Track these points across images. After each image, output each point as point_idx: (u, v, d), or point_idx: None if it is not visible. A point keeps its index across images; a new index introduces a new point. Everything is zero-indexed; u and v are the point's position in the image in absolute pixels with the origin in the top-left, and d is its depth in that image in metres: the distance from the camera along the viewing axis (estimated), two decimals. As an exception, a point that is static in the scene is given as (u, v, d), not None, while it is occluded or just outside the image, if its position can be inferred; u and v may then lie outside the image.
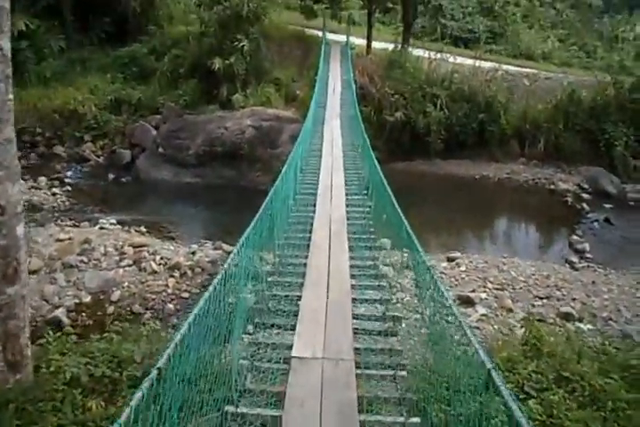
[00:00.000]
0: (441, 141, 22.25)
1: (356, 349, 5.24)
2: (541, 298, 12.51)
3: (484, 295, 12.36)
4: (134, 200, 18.61)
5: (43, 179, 19.41)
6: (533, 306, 12.10)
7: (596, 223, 18.65)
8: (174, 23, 27.56)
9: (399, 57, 24.04)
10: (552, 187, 21.48)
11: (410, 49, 26.19)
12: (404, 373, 4.98)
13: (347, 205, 9.65)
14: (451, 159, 22.66)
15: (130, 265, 13.04)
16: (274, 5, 25.95)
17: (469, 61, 26.23)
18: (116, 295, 11.81)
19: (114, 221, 16.31)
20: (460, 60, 26.33)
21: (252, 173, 19.34)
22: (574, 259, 15.67)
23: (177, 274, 12.71)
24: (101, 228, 15.56)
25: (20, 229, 6.45)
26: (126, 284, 12.30)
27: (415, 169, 21.58)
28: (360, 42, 29.49)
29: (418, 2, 26.61)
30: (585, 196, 20.84)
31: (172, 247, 14.30)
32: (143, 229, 15.91)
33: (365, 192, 10.46)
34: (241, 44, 21.31)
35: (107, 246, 13.78)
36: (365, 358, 5.08)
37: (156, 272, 12.76)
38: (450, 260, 14.24)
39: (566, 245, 16.97)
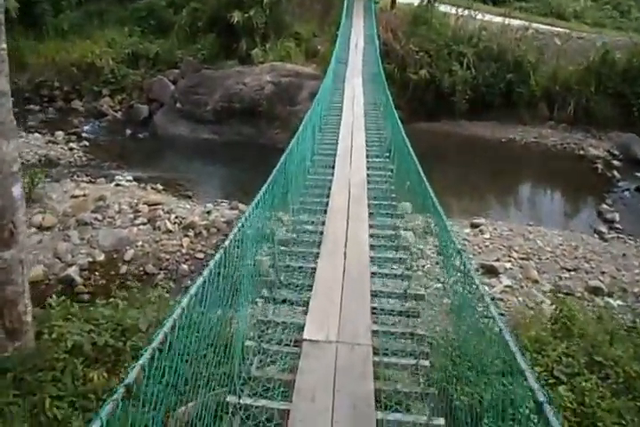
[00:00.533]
0: (466, 102, 21.09)
1: (374, 332, 4.63)
2: (569, 270, 11.81)
3: (508, 265, 11.69)
4: (151, 156, 17.99)
5: (60, 133, 18.88)
6: (560, 278, 11.43)
7: (627, 192, 17.62)
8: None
9: (425, 12, 22.60)
10: (581, 152, 20.35)
11: (436, 4, 24.58)
12: (426, 362, 4.37)
13: (367, 168, 8.86)
14: (476, 120, 21.54)
15: (144, 224, 12.56)
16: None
17: (498, 19, 24.67)
18: (129, 254, 11.39)
19: (130, 177, 15.80)
20: (488, 17, 24.77)
21: (271, 131, 18.54)
22: (603, 229, 14.82)
23: (192, 234, 12.20)
24: (117, 184, 15.06)
25: (16, 190, 5.88)
26: (140, 243, 11.85)
27: (439, 129, 20.55)
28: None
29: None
30: (615, 163, 19.71)
31: (187, 206, 13.76)
32: (159, 186, 15.39)
33: (387, 154, 9.66)
34: (261, -3, 20.09)
35: (121, 204, 13.28)
36: (384, 344, 4.47)
37: (170, 231, 12.27)
38: (473, 226, 13.51)
39: (595, 214, 16.06)
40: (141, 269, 11.16)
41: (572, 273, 11.81)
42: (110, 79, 21.63)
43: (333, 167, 8.84)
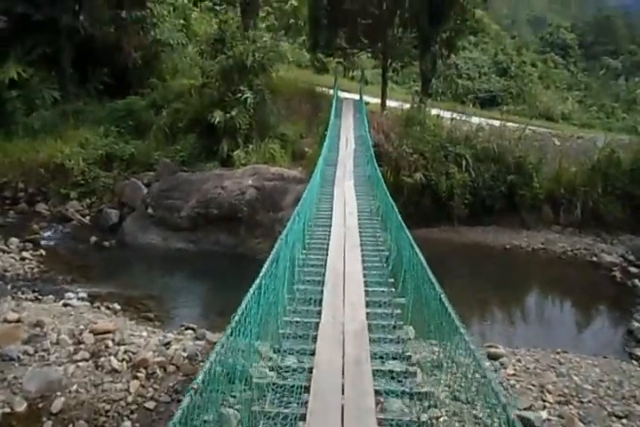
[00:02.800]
0: (465, 206, 19.63)
1: None
2: (619, 417, 9.43)
3: (544, 414, 9.29)
4: (115, 269, 15.90)
5: (14, 240, 16.87)
6: (613, 430, 9.04)
7: (653, 304, 15.61)
8: (178, 77, 25.82)
9: (418, 113, 21.82)
10: (594, 259, 18.56)
11: (427, 108, 24.06)
12: None
13: (366, 304, 6.82)
14: (477, 226, 19.96)
15: (85, 360, 10.15)
16: (282, 59, 24.12)
17: (490, 122, 24.11)
18: (58, 404, 8.94)
19: (84, 294, 13.61)
20: (479, 120, 24.21)
21: (252, 240, 16.68)
22: (640, 352, 12.59)
23: (143, 374, 9.76)
24: (65, 304, 12.78)
25: None
26: (75, 387, 9.39)
27: (437, 237, 18.78)
28: (373, 101, 27.61)
29: (437, 56, 24.68)
30: (633, 270, 17.89)
31: (144, 333, 11.41)
32: (117, 306, 13.16)
33: (392, 280, 7.65)
34: (244, 96, 19.26)
35: (61, 332, 10.92)
36: None
37: (116, 371, 9.83)
38: (492, 357, 11.18)
39: (625, 332, 13.90)
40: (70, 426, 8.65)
41: (625, 421, 9.42)
42: (80, 181, 20.14)
43: (319, 303, 6.74)
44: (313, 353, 5.49)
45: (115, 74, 24.84)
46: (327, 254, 8.68)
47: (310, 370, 5.17)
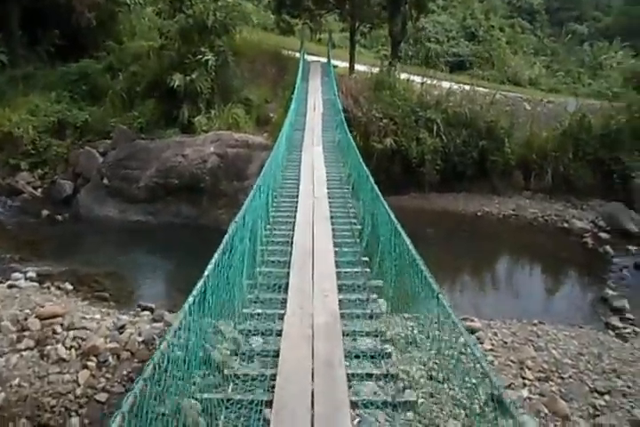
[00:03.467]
0: (436, 173, 18.74)
1: None
2: (601, 393, 8.90)
3: (525, 392, 8.68)
4: (68, 244, 14.61)
5: (-46, 216, 15.39)
6: (595, 408, 8.51)
7: (625, 271, 15.23)
8: (136, 39, 23.86)
9: (387, 77, 20.59)
10: (565, 225, 18.03)
11: (396, 73, 22.78)
12: None
13: (339, 289, 5.86)
14: (447, 192, 19.14)
15: (30, 348, 9.10)
16: (246, 19, 22.35)
17: (459, 86, 23.01)
18: (-3, 400, 7.86)
19: (33, 274, 12.39)
20: (448, 84, 23.10)
21: (215, 210, 15.53)
22: (616, 322, 12.22)
23: (93, 363, 8.76)
24: (11, 286, 11.56)
25: None
26: (17, 380, 8.37)
27: (408, 204, 17.87)
28: (341, 65, 26.16)
29: (407, 17, 23.26)
30: (604, 236, 17.40)
31: (97, 316, 10.35)
32: (68, 285, 12.01)
33: (365, 259, 6.68)
34: (205, 58, 17.68)
35: (4, 318, 9.78)
36: None
37: (64, 360, 8.82)
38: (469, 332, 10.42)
39: (600, 300, 13.39)
40: (11, 425, 7.63)
41: (607, 397, 8.89)
42: (30, 151, 18.47)
43: (285, 289, 5.73)
44: (277, 355, 4.49)
45: (67, 36, 22.75)
46: (294, 229, 7.64)
47: (273, 377, 4.19)
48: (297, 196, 9.55)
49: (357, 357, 4.80)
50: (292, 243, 7.09)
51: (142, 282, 12.81)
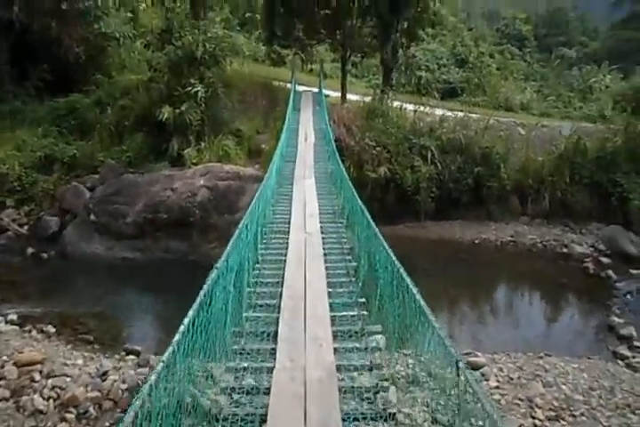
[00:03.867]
0: (432, 200, 18.45)
1: None
2: (616, 432, 8.36)
3: (536, 434, 8.13)
4: (52, 284, 14.11)
5: (-63, 257, 14.90)
6: (611, 448, 7.98)
7: (629, 296, 14.93)
8: (126, 73, 23.85)
9: (380, 105, 20.50)
10: (565, 250, 17.69)
11: (389, 99, 22.74)
12: None
13: (334, 336, 5.39)
14: (443, 220, 18.81)
15: (6, 399, 8.51)
16: (236, 51, 22.41)
17: (451, 113, 23.00)
18: (-34, 461, 7.31)
19: (14, 316, 11.91)
20: (441, 111, 23.08)
21: (205, 245, 15.13)
22: (625, 351, 11.84)
23: (72, 415, 8.18)
24: (-10, 330, 11.01)
25: None
26: (-12, 438, 7.77)
27: (402, 233, 17.52)
28: (333, 95, 26.18)
29: (398, 45, 23.35)
30: (604, 260, 17.10)
31: (79, 361, 9.82)
32: (51, 328, 11.50)
33: (363, 300, 6.23)
34: (194, 90, 17.52)
35: (-21, 366, 9.21)
36: None
37: (40, 412, 8.24)
38: (472, 368, 9.93)
39: (605, 328, 12.94)
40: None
41: (622, 436, 8.37)
42: (16, 187, 18.09)
43: (275, 339, 5.25)
44: (264, 420, 4.01)
45: (56, 70, 22.63)
46: (284, 269, 7.20)
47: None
48: (288, 231, 9.14)
49: (357, 419, 4.29)
50: (282, 284, 6.65)
51: (129, 323, 12.29)
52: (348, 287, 6.80)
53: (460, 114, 22.13)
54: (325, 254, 7.83)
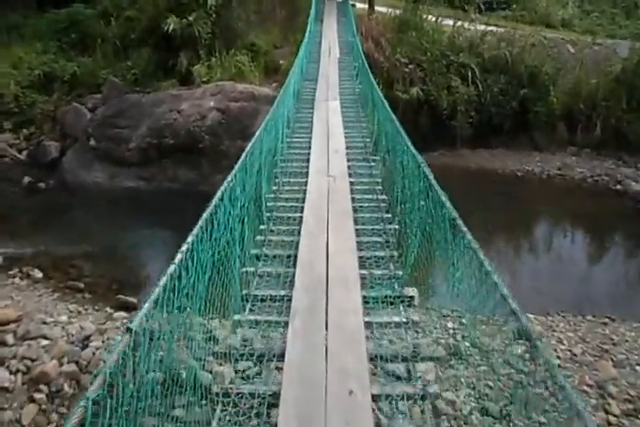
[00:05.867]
0: (470, 126, 15.60)
1: None
2: None
3: None
4: (47, 218, 12.16)
5: None
6: None
7: (697, 244, 12.33)
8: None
9: (413, 16, 17.03)
10: (618, 187, 14.96)
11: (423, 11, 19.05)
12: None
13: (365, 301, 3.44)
14: (482, 148, 16.07)
15: (-35, 371, 6.71)
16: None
17: (491, 29, 19.30)
18: None
19: (-1, 258, 9.95)
20: (481, 27, 19.39)
21: (216, 174, 12.73)
22: None
23: (43, 394, 6.39)
24: (-33, 275, 9.19)
25: None
26: (-59, 420, 6.06)
27: (436, 162, 14.61)
28: (359, 6, 22.36)
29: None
30: (664, 199, 14.36)
31: (63, 318, 7.96)
32: (38, 272, 9.62)
33: (413, 293, 4.01)
34: (204, -3, 14.36)
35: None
36: None
37: (6, 390, 6.45)
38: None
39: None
40: None
41: None
42: (13, 109, 15.72)
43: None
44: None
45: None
46: (299, 235, 4.87)
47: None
48: (306, 174, 6.70)
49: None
50: (295, 261, 4.39)
51: (128, 266, 10.40)
52: (387, 268, 4.51)
53: (502, 30, 18.54)
54: (355, 210, 5.46)
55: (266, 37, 16.93)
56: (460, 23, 18.19)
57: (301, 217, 5.32)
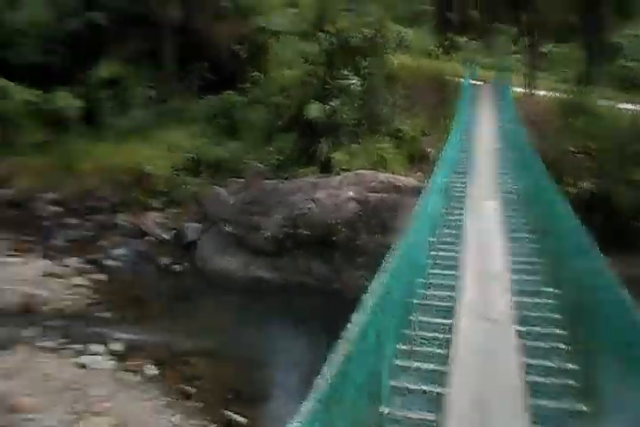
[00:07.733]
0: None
1: None
2: None
3: None
4: (176, 303, 12.11)
5: (72, 260, 13.67)
6: None
7: None
8: (283, 68, 21.58)
9: (582, 99, 15.44)
10: None
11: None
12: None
13: None
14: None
15: None
16: (404, 44, 18.79)
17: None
18: None
19: (119, 346, 9.79)
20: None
21: (351, 271, 11.93)
22: None
23: None
24: (81, 365, 8.94)
25: None
26: None
27: (617, 272, 12.35)
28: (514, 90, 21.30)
29: (605, 24, 17.85)
30: None
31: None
32: (152, 369, 9.09)
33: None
34: (348, 83, 14.31)
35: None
36: None
37: None
38: None
39: None
40: None
41: None
42: (163, 189, 16.62)
43: None
44: None
45: (215, 68, 21.19)
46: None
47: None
48: (451, 316, 4.95)
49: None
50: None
51: (248, 372, 9.45)
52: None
53: None
54: (531, 389, 3.76)
55: (413, 123, 16.40)
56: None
57: (439, 395, 3.58)
